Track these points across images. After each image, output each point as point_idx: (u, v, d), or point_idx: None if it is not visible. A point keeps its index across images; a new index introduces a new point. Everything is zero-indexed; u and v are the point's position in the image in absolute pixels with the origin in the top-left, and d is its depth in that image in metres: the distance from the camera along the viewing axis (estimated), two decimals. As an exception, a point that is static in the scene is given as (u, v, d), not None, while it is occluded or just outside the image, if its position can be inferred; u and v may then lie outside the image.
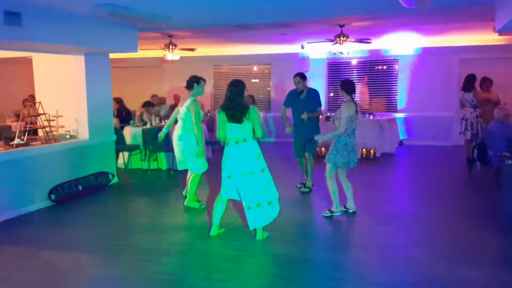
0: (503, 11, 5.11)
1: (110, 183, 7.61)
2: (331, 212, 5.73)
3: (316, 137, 5.88)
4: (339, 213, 5.73)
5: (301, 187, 7.04)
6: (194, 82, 6.04)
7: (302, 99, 6.84)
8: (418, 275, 4.01)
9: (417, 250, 4.63)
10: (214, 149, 10.22)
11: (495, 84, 9.02)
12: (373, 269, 4.20)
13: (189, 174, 6.27)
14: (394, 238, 5.00)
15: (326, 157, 5.72)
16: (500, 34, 8.16)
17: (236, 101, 4.73)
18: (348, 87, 5.63)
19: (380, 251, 4.65)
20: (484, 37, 10.17)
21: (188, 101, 5.98)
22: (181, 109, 6.07)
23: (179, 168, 6.31)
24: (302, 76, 6.83)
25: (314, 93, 6.95)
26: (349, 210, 5.83)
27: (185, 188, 6.49)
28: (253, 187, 4.72)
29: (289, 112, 6.98)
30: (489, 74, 9.00)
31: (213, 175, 6.52)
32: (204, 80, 6.16)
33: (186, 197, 6.36)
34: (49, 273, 4.22)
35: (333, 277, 4.03)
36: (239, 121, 4.70)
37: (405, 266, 4.23)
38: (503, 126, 6.80)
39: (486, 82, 8.73)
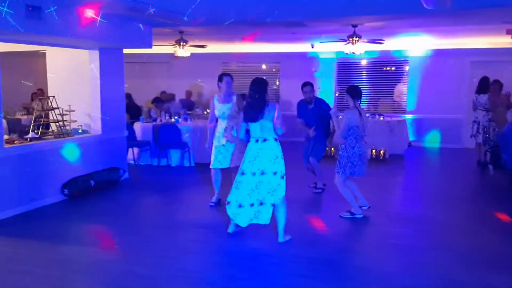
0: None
1: (121, 179, 7.59)
2: (352, 214, 5.71)
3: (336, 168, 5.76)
4: (361, 215, 5.71)
5: (314, 187, 7.02)
6: (218, 80, 5.92)
7: (311, 108, 6.81)
8: (442, 279, 3.99)
9: (435, 253, 4.62)
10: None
11: (506, 87, 9.01)
12: (396, 272, 4.18)
13: None
14: (411, 240, 5.00)
15: (338, 169, 5.66)
16: (513, 37, 8.17)
17: (253, 99, 4.70)
18: (353, 92, 5.61)
19: (399, 253, 4.64)
20: (496, 40, 10.15)
21: (235, 98, 5.87)
22: (225, 107, 5.87)
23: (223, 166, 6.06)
24: (312, 86, 6.87)
25: (321, 102, 6.92)
26: (363, 207, 5.80)
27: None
28: (262, 187, 4.70)
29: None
30: (500, 77, 8.99)
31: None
32: (229, 76, 5.98)
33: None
34: (71, 268, 4.21)
35: (356, 279, 4.02)
36: (253, 120, 4.68)
37: (427, 269, 4.21)
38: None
39: (495, 85, 8.72)
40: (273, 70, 13.47)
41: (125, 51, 7.89)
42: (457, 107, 11.53)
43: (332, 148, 9.73)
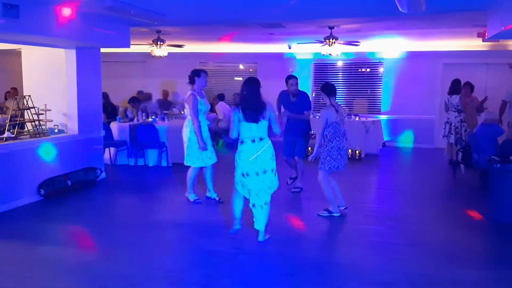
0: (497, 19, 5.26)
1: (98, 179, 7.53)
2: (329, 212, 5.80)
3: (309, 158, 5.93)
4: (338, 214, 5.81)
5: (291, 182, 7.11)
6: (194, 76, 6.08)
7: (293, 101, 6.84)
8: (418, 275, 4.11)
9: (411, 249, 4.76)
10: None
11: (477, 89, 9.29)
12: (374, 268, 4.29)
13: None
14: (388, 237, 5.13)
15: (320, 165, 5.77)
16: (484, 41, 8.41)
17: (254, 100, 4.73)
18: (327, 89, 5.74)
19: (377, 250, 4.75)
20: (467, 43, 10.43)
21: (187, 95, 6.08)
22: (203, 102, 6.15)
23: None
24: (297, 79, 6.91)
25: (305, 96, 6.97)
26: (340, 207, 5.91)
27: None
28: (265, 186, 4.74)
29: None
30: (471, 79, 9.26)
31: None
32: (205, 72, 6.24)
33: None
34: (48, 268, 4.18)
35: (336, 276, 4.11)
36: (256, 120, 4.70)
37: (404, 265, 4.34)
38: (489, 128, 7.01)
39: (466, 87, 8.98)
40: (250, 70, 13.54)
41: (102, 50, 7.83)
42: (430, 108, 11.80)
43: (309, 148, 9.85)
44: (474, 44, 10.24)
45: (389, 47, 11.72)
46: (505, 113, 9.04)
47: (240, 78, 13.56)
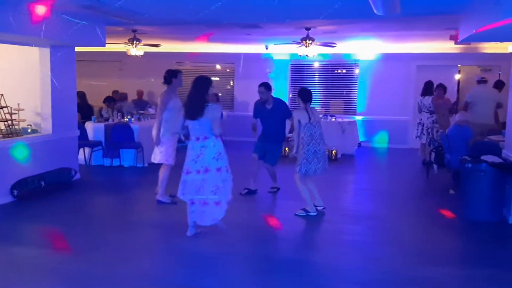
0: (469, 23, 5.39)
1: (72, 179, 7.41)
2: (306, 211, 5.85)
3: (290, 155, 5.99)
4: (315, 213, 5.86)
5: (245, 193, 6.87)
6: (172, 76, 6.08)
7: (269, 109, 6.76)
8: (391, 273, 4.19)
9: (386, 248, 4.84)
10: (179, 147, 10.14)
11: (449, 91, 9.50)
12: (349, 268, 4.34)
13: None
14: (363, 237, 5.22)
15: (297, 168, 5.81)
16: (456, 43, 8.60)
17: (193, 97, 4.79)
18: (304, 96, 5.84)
19: (353, 249, 4.83)
20: (440, 45, 10.64)
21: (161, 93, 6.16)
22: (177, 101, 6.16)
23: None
24: (266, 87, 6.74)
25: (281, 104, 6.90)
26: (318, 207, 5.97)
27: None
28: (205, 184, 4.77)
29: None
30: (444, 81, 9.46)
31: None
32: (181, 72, 6.29)
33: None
34: (23, 270, 4.10)
35: (313, 275, 4.15)
36: (193, 118, 4.75)
37: (379, 264, 4.41)
38: (461, 130, 7.17)
39: (439, 89, 9.18)
40: (228, 70, 13.52)
41: (77, 48, 7.72)
42: (404, 109, 12.00)
43: (286, 149, 9.92)
44: (446, 46, 10.45)
45: (364, 49, 11.87)
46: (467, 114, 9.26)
47: (218, 78, 13.54)
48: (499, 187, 5.72)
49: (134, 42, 10.05)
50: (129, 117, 9.57)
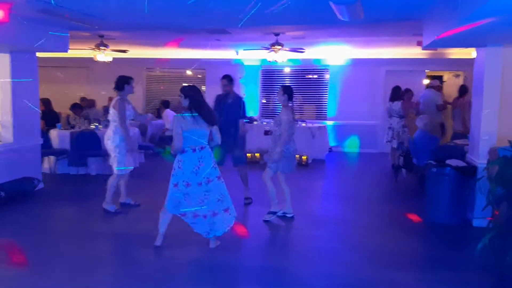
0: (431, 29, 5.45)
1: (35, 189, 7.19)
2: (273, 213, 5.81)
3: (268, 162, 5.86)
4: (282, 212, 5.87)
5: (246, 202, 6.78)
6: (124, 83, 5.97)
7: (229, 103, 6.58)
8: (355, 278, 4.17)
9: (352, 254, 4.82)
10: (147, 154, 10.01)
11: (416, 95, 9.63)
12: (314, 273, 4.31)
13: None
14: (328, 242, 5.19)
15: (272, 164, 5.77)
16: (423, 49, 8.72)
17: (206, 105, 4.71)
18: (291, 93, 5.83)
19: (316, 255, 4.79)
20: (408, 51, 10.80)
21: (113, 101, 6.01)
22: (110, 110, 6.06)
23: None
24: (229, 79, 6.63)
25: (239, 100, 6.73)
26: (287, 215, 5.93)
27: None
28: (209, 196, 4.64)
29: None
30: (411, 85, 9.59)
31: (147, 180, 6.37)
32: (132, 79, 6.17)
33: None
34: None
35: (275, 282, 4.09)
36: (213, 124, 4.66)
37: (342, 269, 4.39)
38: (427, 137, 7.24)
39: (408, 94, 9.30)
40: (199, 76, 13.43)
41: (41, 54, 7.53)
42: (373, 114, 12.12)
43: (257, 154, 9.89)
44: (414, 52, 10.61)
45: (334, 54, 11.96)
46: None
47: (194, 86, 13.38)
48: (463, 190, 5.77)
49: (101, 47, 9.89)
50: (95, 124, 9.37)
